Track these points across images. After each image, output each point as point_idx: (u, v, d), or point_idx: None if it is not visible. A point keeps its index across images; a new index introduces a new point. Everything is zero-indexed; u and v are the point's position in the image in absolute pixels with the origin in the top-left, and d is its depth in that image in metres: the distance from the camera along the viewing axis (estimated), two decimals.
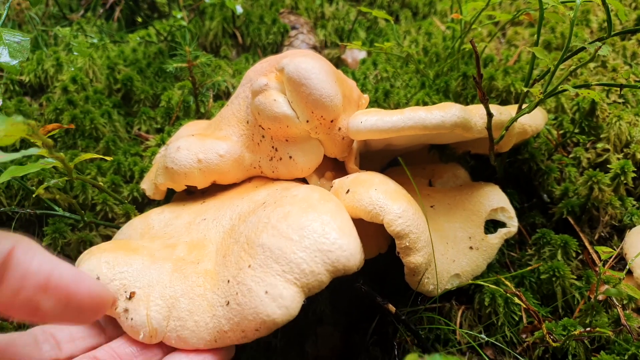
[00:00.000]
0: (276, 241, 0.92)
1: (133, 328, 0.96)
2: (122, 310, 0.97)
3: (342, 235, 0.93)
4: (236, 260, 0.95)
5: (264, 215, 0.99)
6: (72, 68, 1.82)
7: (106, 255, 1.03)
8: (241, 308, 0.90)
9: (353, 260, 0.93)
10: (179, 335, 0.95)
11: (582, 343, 1.06)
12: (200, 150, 1.16)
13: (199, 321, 0.94)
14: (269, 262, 0.91)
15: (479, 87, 1.00)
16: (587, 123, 1.40)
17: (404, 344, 1.16)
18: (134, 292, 0.98)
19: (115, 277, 0.99)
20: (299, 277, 0.89)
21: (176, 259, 1.03)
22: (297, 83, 1.07)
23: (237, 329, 0.91)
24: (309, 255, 0.90)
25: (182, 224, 1.14)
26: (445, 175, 1.37)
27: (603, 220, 1.29)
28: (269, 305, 0.87)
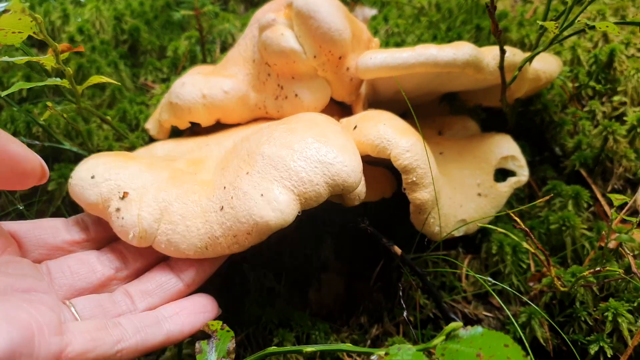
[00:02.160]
0: (277, 150, 0.90)
1: (123, 228, 0.94)
2: (114, 209, 0.95)
3: (345, 152, 0.91)
4: (234, 170, 0.93)
5: (267, 131, 0.97)
6: (79, 19, 1.79)
7: (105, 157, 1.02)
8: (235, 211, 0.87)
9: (353, 177, 0.90)
10: (169, 239, 0.92)
11: (590, 290, 1.04)
12: (205, 86, 1.14)
13: (190, 226, 0.91)
14: (268, 169, 0.88)
15: (492, 18, 0.96)
16: (604, 75, 1.36)
17: (407, 289, 1.15)
18: (127, 192, 0.95)
19: (110, 177, 0.98)
20: (296, 185, 0.87)
21: (174, 169, 1.01)
22: (306, 16, 1.04)
23: (229, 233, 0.88)
24: (309, 164, 0.87)
25: (185, 149, 1.12)
26: (455, 126, 1.34)
27: (617, 172, 1.26)
28: (263, 208, 0.85)
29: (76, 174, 1.00)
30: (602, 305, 1.01)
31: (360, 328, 1.16)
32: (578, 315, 1.03)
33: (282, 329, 1.09)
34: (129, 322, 0.87)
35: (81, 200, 0.99)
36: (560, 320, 1.05)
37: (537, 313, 1.04)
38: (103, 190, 0.96)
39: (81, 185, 0.98)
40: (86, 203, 0.98)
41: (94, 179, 0.97)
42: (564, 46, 1.43)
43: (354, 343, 1.12)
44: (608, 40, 1.41)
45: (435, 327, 1.14)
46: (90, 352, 0.78)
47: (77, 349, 0.77)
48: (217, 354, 0.85)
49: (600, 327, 1.01)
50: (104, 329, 0.83)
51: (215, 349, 0.86)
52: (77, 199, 1.00)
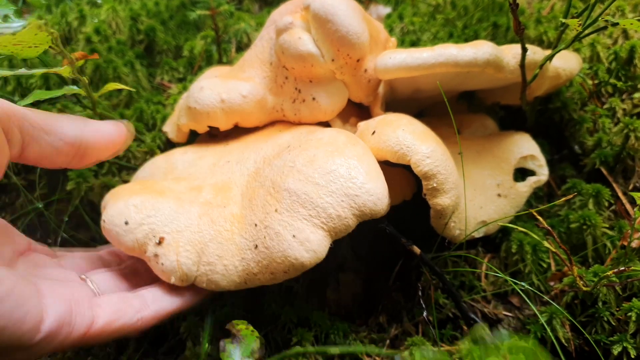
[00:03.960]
0: (302, 186, 0.91)
1: (164, 273, 0.98)
2: (152, 255, 0.99)
3: (369, 180, 0.92)
4: (262, 204, 0.95)
5: (289, 159, 0.97)
6: (96, 20, 1.80)
7: (134, 199, 1.03)
8: (269, 252, 0.90)
9: (380, 205, 0.92)
10: (210, 279, 0.96)
11: (613, 290, 1.03)
12: (223, 90, 1.14)
13: (228, 265, 0.95)
14: (296, 207, 0.90)
15: (514, 15, 0.96)
16: (624, 72, 1.35)
17: (427, 289, 1.14)
18: (163, 238, 0.98)
19: (143, 221, 1.00)
20: (325, 222, 0.89)
21: (203, 203, 1.03)
22: (323, 19, 1.04)
23: (266, 271, 0.92)
24: (335, 199, 0.89)
25: (206, 165, 1.13)
26: (474, 125, 1.33)
27: (638, 170, 1.25)
28: (297, 249, 0.88)
29: (109, 218, 1.03)
30: (625, 305, 1.00)
31: (379, 328, 1.16)
32: (600, 315, 1.02)
33: (301, 329, 1.09)
34: (147, 292, 0.98)
35: (118, 244, 1.03)
36: (582, 320, 1.04)
37: (558, 313, 1.03)
38: (139, 236, 1.00)
39: (116, 232, 1.02)
40: (124, 248, 1.03)
41: (128, 225, 1.00)
42: (583, 43, 1.42)
43: (372, 343, 1.12)
44: (628, 37, 1.40)
45: (454, 326, 1.13)
46: (115, 322, 0.89)
47: (104, 320, 0.88)
48: (241, 354, 0.86)
49: (624, 328, 1.00)
50: (126, 300, 0.94)
51: (240, 348, 0.87)
52: (113, 242, 1.04)
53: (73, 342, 0.85)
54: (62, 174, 1.44)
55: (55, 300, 0.83)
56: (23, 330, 0.76)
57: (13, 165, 1.42)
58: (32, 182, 1.42)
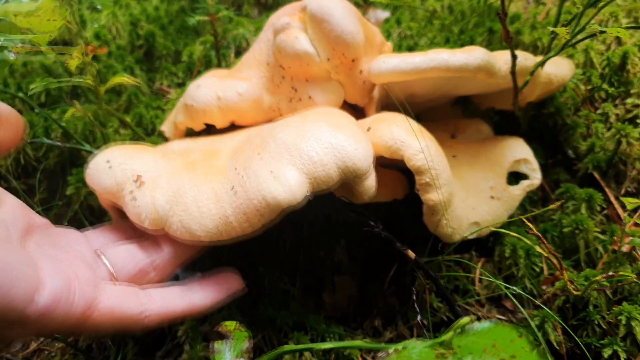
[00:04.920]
0: (290, 134, 0.91)
1: (136, 210, 0.95)
2: (127, 192, 0.97)
3: (357, 138, 0.93)
4: (247, 153, 0.95)
5: (281, 120, 0.99)
6: (96, 25, 1.82)
7: (122, 146, 1.05)
8: (245, 191, 0.88)
9: (364, 161, 0.91)
10: (182, 222, 0.93)
11: (604, 294, 1.05)
12: (220, 89, 1.16)
13: (202, 207, 0.92)
14: (279, 150, 0.90)
15: (503, 24, 0.97)
16: (617, 78, 1.36)
17: (421, 293, 1.16)
18: (140, 176, 0.97)
19: (125, 163, 0.99)
20: (306, 164, 0.88)
21: (188, 158, 1.04)
22: (319, 19, 1.06)
23: (239, 212, 0.89)
24: (320, 146, 0.89)
25: (201, 144, 1.14)
26: (468, 129, 1.35)
27: (630, 175, 1.26)
28: (272, 185, 0.86)
29: (93, 162, 1.02)
30: (616, 308, 1.01)
31: (374, 331, 1.17)
32: (591, 319, 1.03)
33: (296, 332, 1.10)
34: (155, 291, 0.95)
35: (96, 185, 1.01)
36: (573, 324, 1.05)
37: (550, 316, 1.05)
38: (117, 174, 0.98)
39: (96, 170, 1.00)
40: (101, 188, 1.00)
41: (109, 163, 0.99)
42: (577, 49, 1.43)
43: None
44: (621, 43, 1.41)
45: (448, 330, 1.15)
46: (118, 309, 0.87)
47: (107, 303, 0.86)
48: (232, 354, 0.87)
49: (614, 331, 1.02)
50: (132, 292, 0.92)
51: (231, 349, 0.87)
52: (92, 184, 1.02)
53: (73, 322, 0.82)
54: (62, 179, 1.46)
55: (54, 274, 0.82)
56: (13, 295, 0.74)
57: (13, 170, 1.44)
58: (32, 187, 1.43)
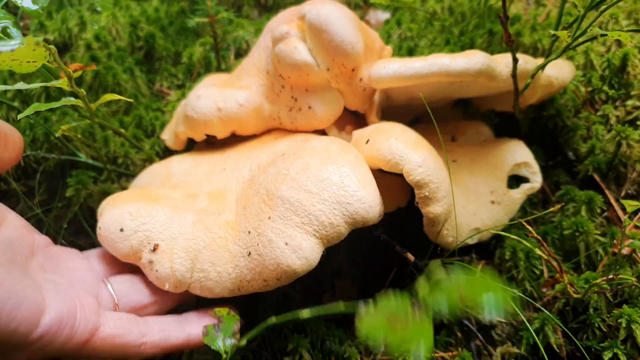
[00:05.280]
0: (295, 193, 0.92)
1: (158, 279, 1.00)
2: (146, 261, 1.00)
3: (361, 188, 0.93)
4: (256, 212, 0.96)
5: (283, 166, 0.99)
6: (96, 26, 1.82)
7: (129, 206, 1.05)
8: (262, 259, 0.92)
9: (372, 212, 0.93)
10: (203, 286, 0.98)
11: (604, 296, 1.05)
12: (220, 99, 1.16)
13: (221, 272, 0.96)
14: (288, 214, 0.92)
15: (504, 27, 0.97)
16: (618, 80, 1.36)
17: None
18: (157, 245, 1.00)
19: (139, 228, 1.02)
20: (317, 229, 0.90)
21: (198, 210, 1.04)
22: (318, 29, 1.05)
23: (259, 278, 0.93)
24: (327, 207, 0.91)
25: (203, 173, 1.14)
26: (469, 131, 1.35)
27: (630, 177, 1.26)
28: (289, 256, 0.89)
29: (104, 225, 1.05)
30: (616, 311, 1.01)
31: None
32: (592, 322, 1.03)
33: (297, 335, 1.10)
34: (155, 321, 0.98)
35: (113, 251, 1.05)
36: (573, 327, 1.06)
37: (550, 319, 1.05)
38: (133, 243, 1.02)
39: (112, 239, 1.03)
40: (119, 255, 1.04)
41: (123, 232, 1.02)
42: (577, 51, 1.43)
43: (367, 349, 1.14)
44: (621, 45, 1.41)
45: (448, 333, 1.15)
46: (119, 337, 0.90)
47: (109, 331, 0.89)
48: (222, 334, 0.91)
49: (614, 334, 1.02)
50: (133, 321, 0.94)
51: (221, 330, 0.91)
52: (109, 249, 1.05)
53: (75, 348, 0.85)
54: (61, 180, 1.45)
55: (59, 299, 0.84)
56: (19, 320, 0.76)
57: (13, 172, 1.44)
58: (32, 189, 1.43)
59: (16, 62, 0.86)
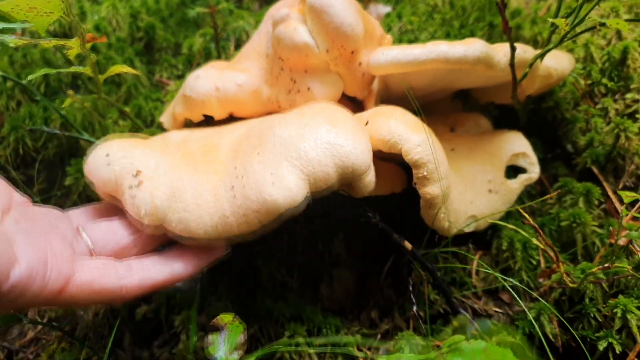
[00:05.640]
0: (288, 131, 0.91)
1: (135, 205, 0.94)
2: (127, 187, 0.96)
3: (355, 137, 0.92)
4: (245, 151, 0.95)
5: (280, 115, 0.99)
6: (96, 17, 1.82)
7: (121, 140, 1.03)
8: (244, 189, 0.88)
9: (362, 159, 0.91)
10: (180, 218, 0.93)
11: (600, 286, 1.05)
12: (219, 80, 1.16)
13: (201, 204, 0.92)
14: (278, 148, 0.90)
15: (502, 15, 0.97)
16: (617, 73, 1.36)
17: (418, 285, 1.16)
18: (140, 171, 0.96)
19: (125, 157, 0.98)
20: (305, 164, 0.88)
21: (187, 151, 1.03)
22: (319, 10, 1.06)
23: (238, 211, 0.89)
24: (318, 145, 0.89)
25: (200, 135, 1.14)
26: (468, 123, 1.35)
27: (628, 169, 1.26)
28: (272, 187, 0.86)
29: (91, 154, 1.01)
30: (612, 301, 1.01)
31: (371, 323, 1.18)
32: (587, 312, 1.03)
33: (293, 323, 1.11)
34: (134, 262, 0.94)
35: (95, 178, 1.00)
36: (569, 317, 1.06)
37: (546, 309, 1.05)
38: (116, 168, 0.97)
39: (95, 163, 0.99)
40: (100, 181, 0.99)
41: (108, 157, 0.98)
42: (577, 43, 1.43)
43: (364, 337, 1.14)
44: (621, 38, 1.41)
45: (445, 322, 1.15)
46: (96, 282, 0.87)
47: (84, 278, 0.86)
48: (227, 347, 0.87)
49: (610, 324, 1.02)
50: (110, 265, 0.91)
51: (226, 342, 0.88)
52: (90, 177, 1.01)
53: (48, 298, 0.82)
54: (60, 169, 1.46)
55: (30, 250, 0.81)
56: None
57: (12, 160, 1.44)
58: (31, 177, 1.44)
59: (33, 12, 0.85)
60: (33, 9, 0.86)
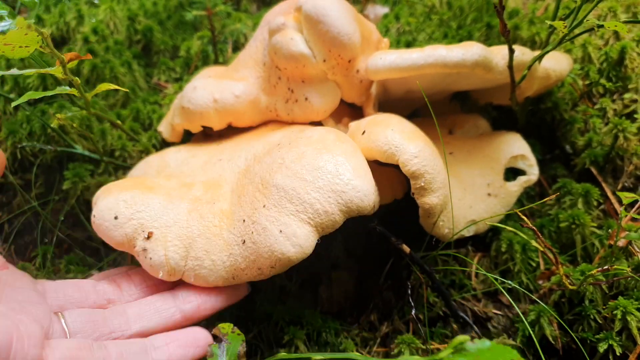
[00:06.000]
0: (290, 182, 0.92)
1: (152, 267, 0.99)
2: (140, 249, 1.00)
3: (356, 177, 0.93)
4: (251, 200, 0.96)
5: (278, 155, 0.99)
6: (93, 20, 1.82)
7: (124, 194, 1.04)
8: (256, 247, 0.91)
9: (367, 201, 0.93)
10: (197, 274, 0.97)
11: (599, 288, 1.05)
12: (217, 90, 1.16)
13: (215, 260, 0.96)
14: (283, 202, 0.92)
15: (500, 18, 0.97)
16: (615, 73, 1.36)
17: (417, 288, 1.16)
18: (151, 233, 0.99)
19: (133, 216, 1.01)
20: (312, 217, 0.90)
21: (192, 199, 1.04)
22: (315, 20, 1.05)
23: (253, 266, 0.93)
24: (322, 195, 0.90)
25: (199, 163, 1.14)
26: (466, 125, 1.35)
27: (627, 170, 1.26)
28: (284, 244, 0.89)
29: (99, 213, 1.04)
30: (612, 303, 1.01)
31: (371, 326, 1.18)
32: (587, 314, 1.03)
33: (293, 327, 1.10)
34: (114, 346, 0.89)
35: (107, 239, 1.03)
36: (569, 319, 1.06)
37: (546, 311, 1.05)
38: (128, 231, 1.01)
39: (106, 226, 1.02)
40: (112, 242, 1.03)
41: (118, 220, 1.01)
42: (575, 44, 1.43)
43: (363, 341, 1.14)
44: (619, 38, 1.41)
45: (444, 324, 1.15)
46: None
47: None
48: (227, 358, 0.87)
49: (610, 325, 1.02)
50: (87, 349, 0.85)
51: (226, 353, 0.88)
52: (103, 237, 1.04)
53: None
54: (58, 173, 1.45)
55: None
56: None
57: (10, 165, 1.44)
58: (29, 182, 1.43)
59: (9, 47, 0.85)
60: (8, 45, 0.86)
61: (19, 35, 0.83)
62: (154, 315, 0.97)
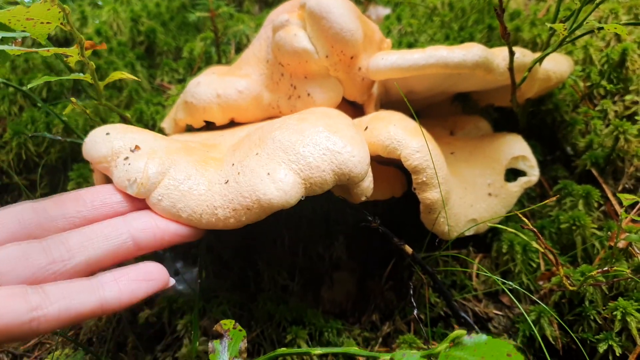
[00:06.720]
0: (288, 135, 0.91)
1: (126, 171, 0.92)
2: (122, 158, 0.94)
3: (353, 144, 0.92)
4: (245, 150, 0.95)
5: (280, 120, 0.99)
6: (97, 21, 1.83)
7: (122, 125, 1.03)
8: (239, 186, 0.88)
9: (360, 168, 0.91)
10: (169, 195, 0.91)
11: (599, 289, 1.05)
12: (220, 86, 1.17)
13: (192, 189, 0.91)
14: (277, 151, 0.90)
15: (500, 21, 0.98)
16: (616, 75, 1.36)
17: (419, 288, 1.16)
18: (139, 146, 0.95)
19: (126, 134, 0.98)
20: (303, 169, 0.88)
21: (189, 146, 1.03)
22: (318, 16, 1.06)
23: (228, 205, 0.89)
24: (317, 150, 0.89)
25: (201, 138, 1.15)
26: (468, 126, 1.35)
27: (628, 172, 1.26)
28: (268, 185, 0.86)
29: (91, 134, 1.00)
30: (611, 304, 1.02)
31: (372, 326, 1.18)
32: (587, 314, 1.04)
33: (295, 327, 1.11)
34: (55, 288, 0.79)
35: (91, 154, 0.97)
36: (569, 319, 1.06)
37: (546, 312, 1.05)
38: (115, 143, 0.95)
39: (94, 141, 0.97)
40: (96, 156, 0.96)
41: (109, 135, 0.97)
42: (577, 45, 1.44)
43: (365, 341, 1.15)
44: (620, 40, 1.41)
45: (445, 325, 1.16)
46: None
47: None
48: (229, 354, 0.87)
49: (609, 326, 1.02)
50: (19, 294, 0.75)
51: (228, 349, 0.88)
52: (87, 154, 0.98)
53: None
54: (63, 174, 1.47)
55: None
56: None
57: (15, 165, 1.45)
58: (34, 182, 1.45)
59: (30, 22, 0.86)
60: (30, 20, 0.86)
61: (42, 9, 0.83)
62: (102, 243, 0.86)
